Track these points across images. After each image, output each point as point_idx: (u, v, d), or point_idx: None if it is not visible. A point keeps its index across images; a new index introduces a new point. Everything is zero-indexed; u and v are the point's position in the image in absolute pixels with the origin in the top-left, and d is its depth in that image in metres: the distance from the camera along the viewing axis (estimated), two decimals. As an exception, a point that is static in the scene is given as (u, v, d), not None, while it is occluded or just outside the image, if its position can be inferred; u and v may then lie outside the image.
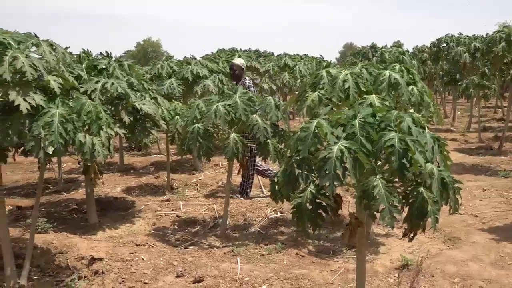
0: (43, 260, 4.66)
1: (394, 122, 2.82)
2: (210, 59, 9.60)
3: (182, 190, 7.54)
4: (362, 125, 2.78)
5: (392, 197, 2.60)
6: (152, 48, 61.10)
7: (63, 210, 6.66)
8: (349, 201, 5.89)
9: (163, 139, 10.72)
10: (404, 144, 2.62)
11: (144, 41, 61.71)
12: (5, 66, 3.49)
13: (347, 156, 2.60)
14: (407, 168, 2.62)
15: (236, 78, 7.12)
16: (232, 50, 11.25)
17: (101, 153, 3.87)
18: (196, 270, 4.32)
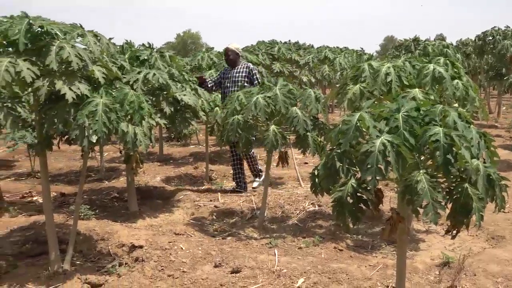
0: (86, 246, 4.78)
1: (438, 117, 2.76)
2: (250, 51, 9.58)
3: (220, 181, 7.60)
4: (405, 119, 2.73)
5: (436, 192, 2.55)
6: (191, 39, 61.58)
7: (105, 198, 6.80)
8: (390, 196, 5.81)
9: (202, 130, 10.83)
10: (449, 139, 2.56)
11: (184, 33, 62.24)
12: (52, 56, 3.58)
13: (390, 150, 2.56)
14: (452, 163, 2.57)
15: (230, 63, 7.00)
16: (271, 42, 11.21)
17: (142, 142, 3.93)
18: (234, 261, 4.35)
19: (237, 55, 6.99)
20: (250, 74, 6.87)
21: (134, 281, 3.98)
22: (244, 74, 6.85)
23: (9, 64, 3.47)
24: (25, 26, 3.63)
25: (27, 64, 3.55)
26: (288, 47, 11.39)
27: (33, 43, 3.73)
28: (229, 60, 6.96)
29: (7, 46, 3.81)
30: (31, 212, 6.13)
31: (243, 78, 6.84)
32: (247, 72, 6.87)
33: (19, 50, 3.60)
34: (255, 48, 10.23)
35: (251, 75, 6.87)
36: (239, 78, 6.85)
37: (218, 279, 4.03)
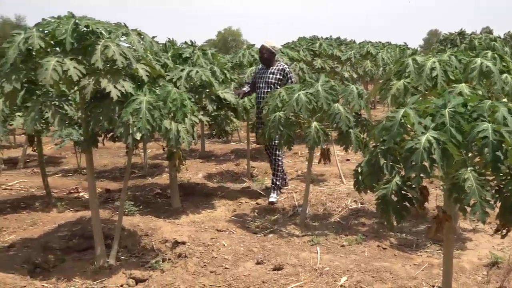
0: (130, 242, 4.86)
1: (487, 112, 2.67)
2: (291, 47, 9.54)
3: (262, 178, 7.60)
4: (452, 115, 2.65)
5: (485, 191, 2.47)
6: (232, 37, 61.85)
7: (148, 194, 6.92)
8: (435, 194, 5.68)
9: (243, 127, 10.86)
10: (498, 136, 2.48)
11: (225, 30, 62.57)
12: (97, 55, 3.66)
13: (436, 147, 2.50)
14: (502, 160, 2.48)
15: (265, 62, 6.40)
16: (313, 38, 11.14)
17: (185, 139, 3.97)
18: (276, 258, 4.35)
19: (272, 54, 6.41)
20: (284, 78, 6.34)
21: (177, 276, 4.03)
22: (278, 77, 6.32)
23: (56, 64, 3.57)
24: (71, 26, 3.72)
25: (74, 63, 3.64)
26: (330, 42, 11.30)
27: (79, 42, 3.82)
28: (264, 59, 6.42)
29: (55, 46, 3.92)
30: (78, 208, 6.30)
31: (277, 81, 6.31)
32: (282, 75, 6.34)
33: (66, 50, 3.69)
34: (296, 44, 10.19)
35: (286, 79, 6.34)
36: (273, 80, 6.31)
37: (260, 276, 4.03)
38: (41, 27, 3.83)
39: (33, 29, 3.81)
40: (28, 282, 3.98)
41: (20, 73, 3.75)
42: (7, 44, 3.73)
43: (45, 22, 3.85)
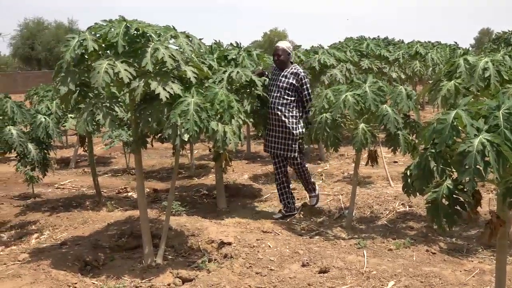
0: (177, 241, 4.93)
1: (544, 114, 2.57)
2: (338, 48, 9.44)
3: (307, 180, 7.55)
4: (506, 117, 2.56)
5: (542, 196, 2.38)
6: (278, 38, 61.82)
7: (194, 195, 7.00)
8: (488, 198, 5.50)
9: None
10: (556, 138, 2.38)
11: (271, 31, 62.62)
12: (147, 58, 3.73)
13: (490, 150, 2.42)
14: (560, 164, 2.38)
15: (280, 64, 5.81)
16: (360, 39, 11.01)
17: (232, 141, 3.99)
18: (322, 260, 4.31)
19: (288, 55, 5.84)
20: (298, 82, 5.73)
21: (223, 277, 4.05)
22: (291, 81, 5.70)
23: (108, 66, 3.66)
24: (123, 29, 3.82)
25: (125, 66, 3.72)
26: (377, 43, 11.13)
27: (130, 45, 3.91)
28: (279, 61, 5.80)
29: (106, 49, 4.02)
30: (126, 207, 6.43)
31: (289, 85, 5.69)
32: (296, 80, 5.72)
33: (117, 52, 3.78)
34: (343, 45, 10.09)
35: (300, 84, 5.74)
36: (284, 84, 5.70)
37: (305, 279, 4.01)
38: (94, 31, 3.94)
39: (86, 33, 3.92)
40: (79, 279, 4.09)
41: (74, 75, 3.87)
42: (64, 48, 3.85)
43: (98, 26, 3.96)
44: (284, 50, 5.81)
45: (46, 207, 6.67)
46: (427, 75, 11.55)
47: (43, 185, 7.79)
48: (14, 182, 8.48)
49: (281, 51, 5.80)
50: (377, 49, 10.47)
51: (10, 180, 8.65)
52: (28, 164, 5.50)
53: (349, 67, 8.46)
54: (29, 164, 5.48)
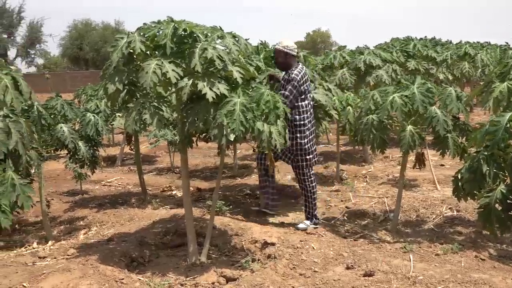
0: (221, 240, 4.96)
1: None
2: (384, 48, 9.30)
3: (351, 181, 7.48)
4: None
5: None
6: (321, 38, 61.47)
7: (238, 194, 7.02)
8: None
9: (332, 129, 10.76)
10: None
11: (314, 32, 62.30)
12: (196, 58, 3.78)
13: (547, 154, 2.33)
14: None
15: (281, 66, 5.33)
16: (406, 39, 10.82)
17: (277, 141, 3.98)
18: (366, 264, 4.25)
19: (287, 55, 5.23)
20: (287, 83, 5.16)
21: (267, 277, 4.05)
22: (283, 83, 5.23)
23: (156, 66, 3.72)
24: (171, 30, 3.86)
25: (172, 66, 3.77)
26: (424, 43, 10.91)
27: (178, 46, 3.95)
28: (278, 63, 5.33)
29: (154, 49, 4.09)
30: (171, 205, 6.52)
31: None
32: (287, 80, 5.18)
33: (165, 53, 3.83)
34: (389, 46, 9.94)
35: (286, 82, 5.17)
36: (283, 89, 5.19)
37: (350, 282, 3.96)
38: (142, 32, 4.01)
39: (134, 34, 3.99)
40: (125, 275, 4.16)
41: (122, 75, 3.95)
42: (112, 48, 3.93)
43: (146, 27, 4.02)
44: (280, 51, 5.25)
45: (93, 204, 6.83)
46: (476, 77, 11.24)
47: (91, 182, 7.99)
48: (63, 178, 8.73)
49: (277, 53, 5.31)
50: (425, 50, 10.27)
51: (59, 176, 8.91)
52: (78, 161, 5.64)
53: (395, 68, 8.33)
54: (78, 161, 5.62)
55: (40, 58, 47.39)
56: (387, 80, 7.96)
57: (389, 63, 8.45)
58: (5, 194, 2.90)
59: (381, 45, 10.84)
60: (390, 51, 9.09)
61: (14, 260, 4.69)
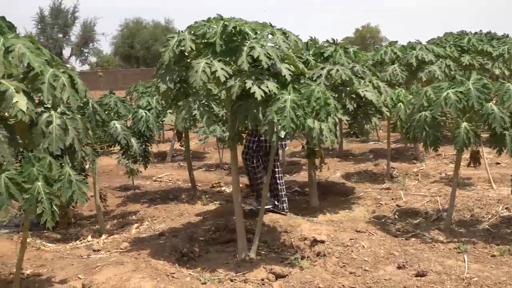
0: (270, 237, 4.96)
1: None
2: (436, 43, 9.04)
3: (402, 179, 7.34)
4: None
5: None
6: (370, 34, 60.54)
7: (286, 191, 7.00)
8: None
9: (382, 126, 10.59)
10: None
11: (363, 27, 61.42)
12: (243, 57, 3.79)
13: None
14: None
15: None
16: (460, 33, 10.46)
17: (328, 138, 3.94)
18: (419, 264, 4.16)
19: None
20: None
21: (316, 275, 4.02)
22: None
23: (205, 65, 3.76)
24: (220, 28, 3.89)
25: (221, 65, 3.80)
26: (479, 37, 10.51)
27: (227, 44, 3.97)
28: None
29: (204, 47, 4.12)
30: (220, 201, 6.58)
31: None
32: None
33: (215, 51, 3.86)
34: (442, 40, 9.66)
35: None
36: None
37: (401, 281, 3.89)
38: (193, 30, 4.05)
39: (185, 32, 4.05)
40: (176, 269, 4.23)
41: (173, 73, 4.01)
42: (163, 48, 4.00)
43: (196, 25, 4.07)
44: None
45: (145, 199, 6.98)
46: (535, 72, 10.77)
47: (142, 178, 8.16)
48: (116, 174, 8.96)
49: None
50: (480, 44, 9.92)
51: (112, 172, 9.15)
52: (130, 157, 5.77)
53: (449, 63, 8.09)
54: (131, 157, 5.75)
55: (93, 57, 48.76)
56: (440, 75, 7.74)
57: (442, 58, 8.22)
58: (61, 190, 2.99)
59: (433, 40, 10.54)
60: (443, 46, 8.84)
61: (70, 252, 4.86)
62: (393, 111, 6.51)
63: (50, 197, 2.90)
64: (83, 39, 44.92)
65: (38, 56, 3.00)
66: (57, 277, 4.01)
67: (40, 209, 2.85)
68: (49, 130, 3.01)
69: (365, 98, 5.60)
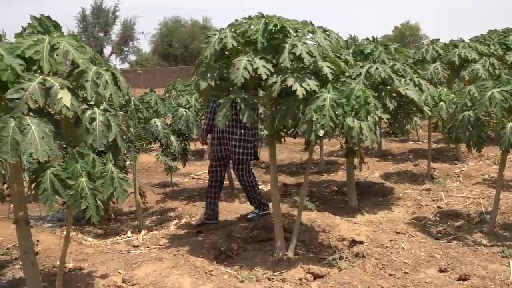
0: (307, 237, 4.93)
1: None
2: (480, 41, 8.83)
3: (443, 180, 7.18)
4: None
5: None
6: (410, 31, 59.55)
7: (324, 191, 6.97)
8: None
9: (423, 126, 10.41)
10: None
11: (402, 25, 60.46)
12: (285, 54, 3.77)
13: None
14: None
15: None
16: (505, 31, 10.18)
17: (368, 137, 3.89)
18: (461, 267, 4.06)
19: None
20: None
21: (355, 276, 3.97)
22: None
23: (247, 63, 3.75)
24: (262, 25, 3.88)
25: (263, 62, 3.79)
26: (526, 35, 10.24)
27: (268, 41, 3.96)
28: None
29: (245, 45, 4.12)
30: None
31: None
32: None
33: (256, 49, 3.86)
34: (486, 38, 9.42)
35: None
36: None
37: (443, 285, 3.80)
38: (234, 28, 4.06)
39: (226, 30, 4.05)
40: (214, 267, 4.25)
41: (214, 71, 4.02)
42: (204, 44, 4.02)
43: (237, 23, 4.07)
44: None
45: (183, 196, 7.05)
46: None
47: (180, 175, 8.24)
48: (154, 171, 9.08)
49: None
50: (528, 41, 9.62)
51: (151, 169, 9.27)
52: (170, 155, 5.84)
53: (493, 61, 7.87)
54: (170, 154, 5.81)
55: (133, 55, 49.64)
56: (484, 74, 7.55)
57: (486, 56, 8.01)
58: (103, 186, 3.04)
59: (477, 37, 10.29)
60: (487, 43, 8.61)
61: (110, 247, 4.95)
62: (434, 111, 6.39)
63: (94, 192, 2.95)
64: (123, 37, 45.75)
65: (82, 53, 3.05)
66: (98, 271, 4.08)
67: (84, 205, 2.90)
68: (93, 126, 3.06)
69: (406, 97, 5.50)
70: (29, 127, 2.73)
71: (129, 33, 46.05)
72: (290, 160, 9.47)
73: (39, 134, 2.75)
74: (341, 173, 7.99)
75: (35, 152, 2.72)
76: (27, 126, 2.73)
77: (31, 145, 2.72)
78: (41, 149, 2.73)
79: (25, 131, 2.72)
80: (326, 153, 9.73)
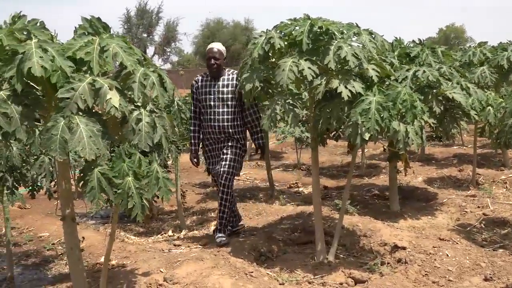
0: (348, 241, 4.88)
1: None
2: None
3: (489, 187, 6.98)
4: None
5: None
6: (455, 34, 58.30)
7: (365, 195, 6.89)
8: None
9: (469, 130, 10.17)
10: None
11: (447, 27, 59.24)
12: (330, 56, 3.74)
13: None
14: None
15: (216, 71, 4.93)
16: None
17: (414, 141, 3.82)
18: (508, 276, 3.94)
19: (224, 59, 5.00)
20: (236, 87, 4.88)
21: (397, 282, 3.90)
22: (231, 89, 4.90)
23: (292, 64, 3.74)
24: (307, 27, 3.87)
25: (308, 64, 3.78)
26: None
27: (314, 43, 3.95)
28: (217, 66, 4.91)
29: (289, 46, 4.12)
30: (298, 202, 6.56)
31: (233, 95, 4.89)
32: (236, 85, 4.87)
33: (301, 50, 3.85)
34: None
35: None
36: (228, 95, 4.90)
37: (489, 294, 3.70)
38: (279, 29, 4.07)
39: (272, 31, 4.07)
40: (254, 268, 4.25)
41: (259, 72, 4.03)
42: (252, 45, 4.04)
43: (283, 25, 4.08)
44: (221, 52, 4.95)
45: (223, 197, 7.07)
46: None
47: (221, 176, 8.27)
48: (195, 171, 9.13)
49: (218, 54, 4.92)
50: None
51: (191, 169, 9.35)
52: (211, 155, 5.87)
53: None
54: (211, 155, 5.85)
55: (175, 56, 50.34)
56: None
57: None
58: (149, 186, 3.08)
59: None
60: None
61: (152, 246, 5.02)
62: (482, 115, 6.22)
63: (140, 191, 3.00)
64: (166, 38, 46.46)
65: (130, 55, 3.11)
66: (140, 269, 4.15)
67: (131, 204, 2.95)
68: (139, 127, 3.11)
69: (453, 101, 5.38)
70: (77, 126, 2.80)
71: (172, 34, 46.77)
72: (331, 163, 9.41)
73: (87, 133, 2.82)
74: (382, 177, 7.88)
75: (83, 150, 2.78)
76: (76, 125, 2.80)
77: (79, 144, 2.78)
78: (89, 148, 2.80)
79: (74, 130, 2.79)
80: (367, 156, 9.62)
